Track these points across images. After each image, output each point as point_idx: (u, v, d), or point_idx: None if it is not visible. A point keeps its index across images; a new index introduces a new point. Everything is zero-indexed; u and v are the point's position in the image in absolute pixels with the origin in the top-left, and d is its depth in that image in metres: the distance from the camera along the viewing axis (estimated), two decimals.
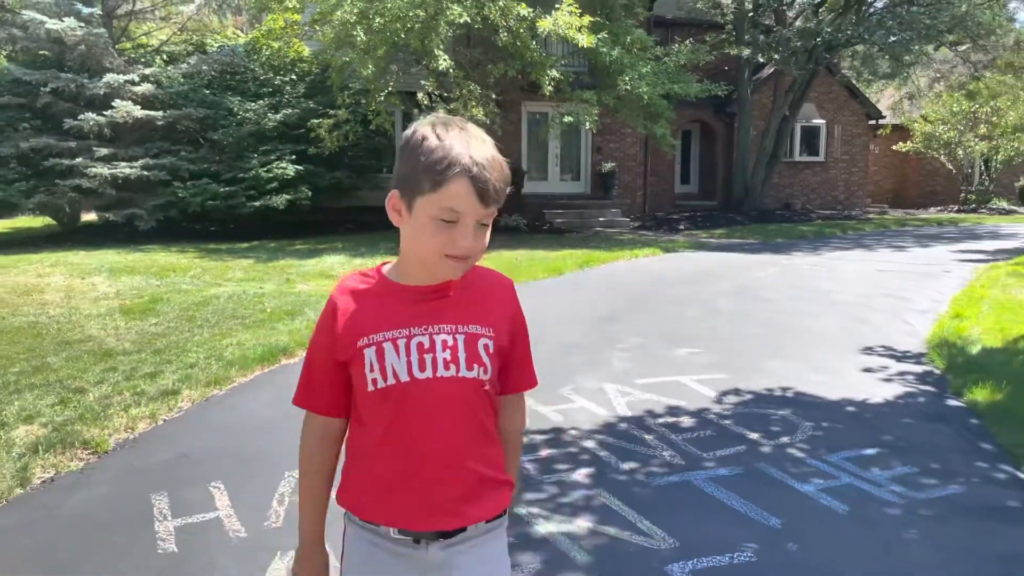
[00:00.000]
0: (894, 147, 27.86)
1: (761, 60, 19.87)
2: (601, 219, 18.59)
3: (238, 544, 3.09)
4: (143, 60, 15.34)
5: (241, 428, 4.43)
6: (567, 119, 13.61)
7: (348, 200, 16.17)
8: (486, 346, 1.45)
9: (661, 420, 4.57)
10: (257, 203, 13.67)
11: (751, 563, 2.97)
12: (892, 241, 15.06)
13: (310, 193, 14.09)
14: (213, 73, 14.95)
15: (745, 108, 21.75)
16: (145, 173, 13.46)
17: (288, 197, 13.79)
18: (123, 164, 13.47)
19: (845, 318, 7.43)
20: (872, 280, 9.74)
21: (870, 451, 4.12)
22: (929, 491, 3.64)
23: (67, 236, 15.21)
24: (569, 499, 3.53)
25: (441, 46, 12.07)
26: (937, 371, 5.59)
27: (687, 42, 15.16)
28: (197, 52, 15.55)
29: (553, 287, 9.33)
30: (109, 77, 13.81)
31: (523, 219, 16.20)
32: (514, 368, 1.54)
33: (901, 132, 27.79)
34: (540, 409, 4.72)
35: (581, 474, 3.79)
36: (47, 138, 13.72)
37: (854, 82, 24.48)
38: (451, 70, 12.39)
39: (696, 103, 19.57)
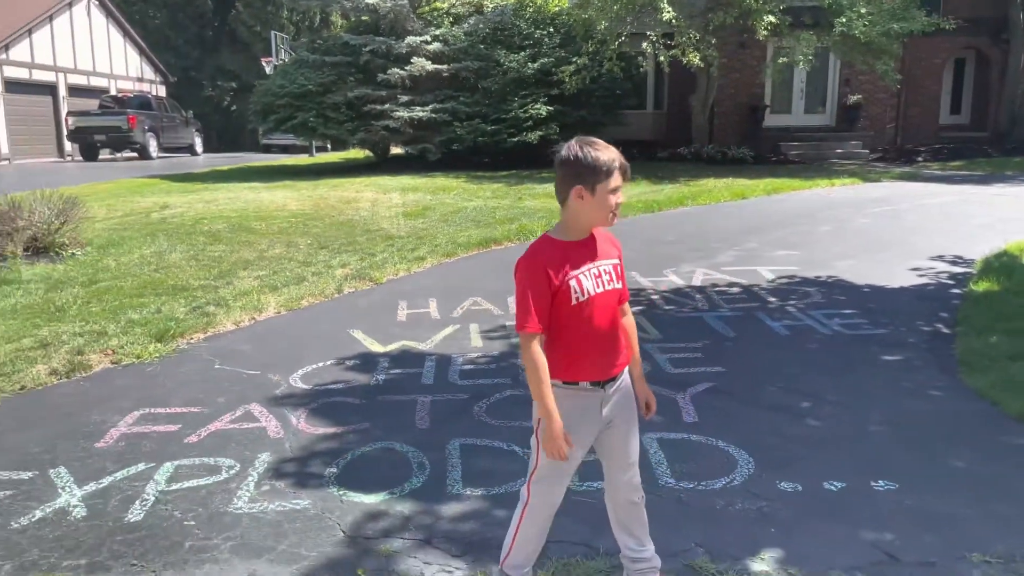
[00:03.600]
0: None
1: None
2: (839, 151, 19.31)
3: (435, 321, 5.98)
4: (435, 22, 18.95)
5: (456, 276, 7.36)
6: (781, 60, 14.93)
7: (595, 134, 18.70)
8: (617, 267, 2.44)
9: (716, 288, 6.76)
10: (515, 139, 16.76)
11: (699, 346, 5.24)
12: None
13: (558, 129, 16.82)
14: (487, 30, 18.11)
15: (1017, 34, 20.70)
16: (433, 115, 17.10)
17: (540, 133, 16.69)
18: (418, 108, 17.20)
19: (952, 236, 8.67)
20: None
21: (848, 311, 6.02)
22: (859, 331, 5.56)
23: (380, 165, 19.57)
24: None
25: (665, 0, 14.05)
26: (972, 272, 7.02)
27: None
28: (476, 13, 18.82)
29: (725, 207, 11.31)
30: (409, 39, 17.54)
31: (750, 151, 17.63)
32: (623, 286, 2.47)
33: None
34: (640, 280, 7.11)
35: (636, 310, 6.20)
36: (365, 88, 17.81)
37: None
38: (674, 20, 14.34)
39: (971, 29, 19.23)
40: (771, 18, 14.19)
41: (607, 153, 2.29)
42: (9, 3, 28.06)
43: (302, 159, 25.43)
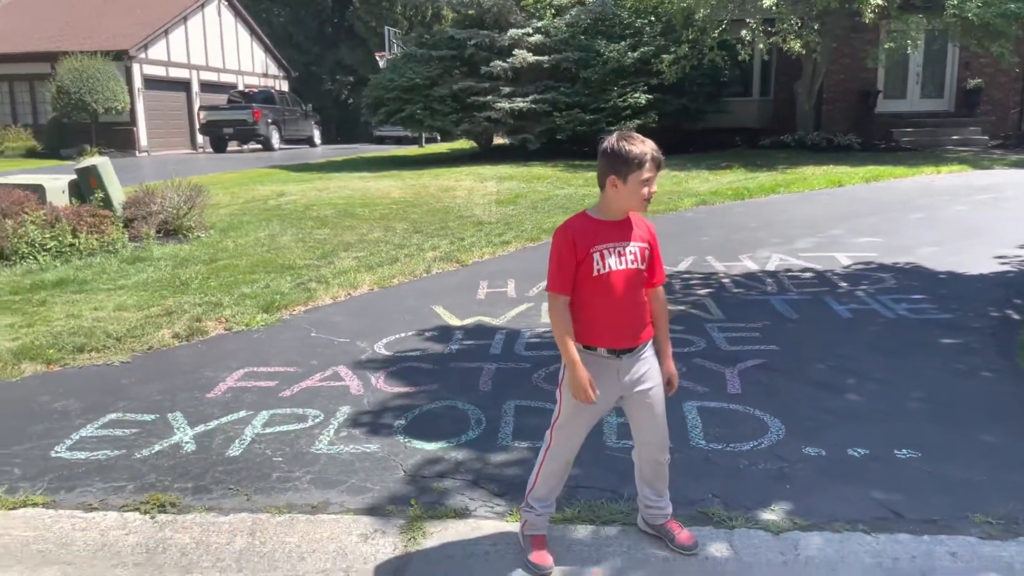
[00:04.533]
0: None
1: None
2: (955, 137, 18.51)
3: (511, 299, 6.41)
4: (537, 14, 19.37)
5: (537, 260, 7.70)
6: (888, 44, 14.52)
7: (696, 123, 18.71)
8: (644, 251, 2.69)
9: (788, 273, 6.90)
10: (614, 128, 16.97)
11: (758, 327, 5.45)
12: None
13: (657, 118, 16.94)
14: (588, 21, 18.40)
15: None
16: (533, 106, 17.54)
17: (639, 122, 16.83)
18: (518, 99, 17.68)
19: None
20: None
21: (917, 296, 6.07)
22: (924, 315, 5.62)
23: (483, 155, 20.20)
24: (691, 298, 6.23)
25: None
26: None
27: None
28: (578, 4, 19.13)
29: (818, 195, 11.24)
30: (511, 31, 18.04)
31: (858, 138, 17.19)
32: (651, 270, 2.75)
33: None
34: (715, 265, 7.32)
35: (703, 292, 6.43)
36: (469, 81, 18.43)
37: None
38: (775, 7, 14.20)
39: None
40: (878, 0, 13.83)
41: (640, 147, 2.55)
42: (147, 6, 30.34)
43: (412, 150, 26.41)
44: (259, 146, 28.55)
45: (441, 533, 3.08)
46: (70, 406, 4.37)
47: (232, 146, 28.99)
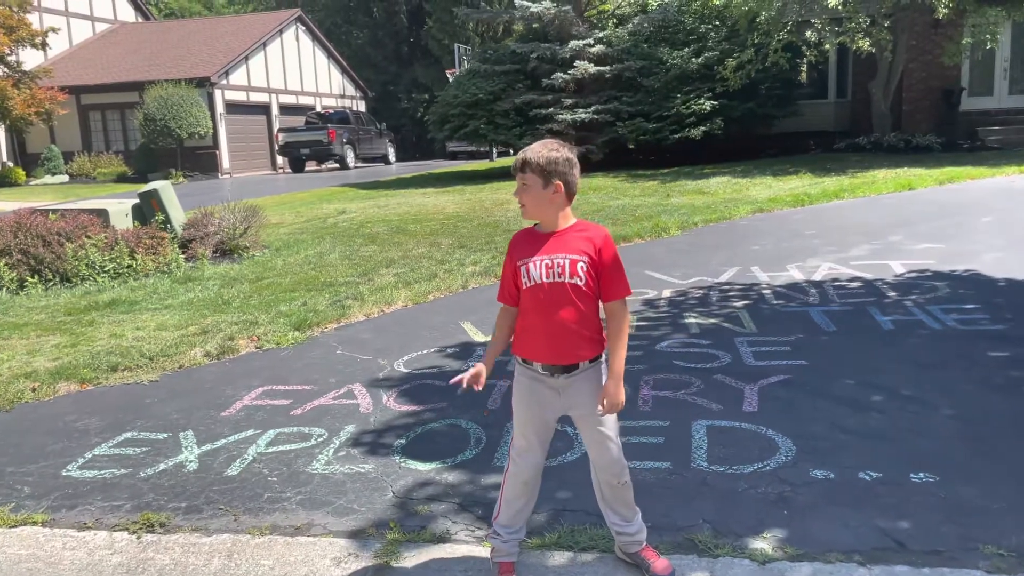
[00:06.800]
0: None
1: None
2: None
3: None
4: (599, 25, 19.23)
5: None
6: (965, 40, 13.79)
7: (768, 127, 18.21)
8: (576, 263, 2.53)
9: (836, 283, 6.58)
10: (677, 135, 16.67)
11: (790, 340, 5.20)
12: None
13: (722, 123, 16.53)
14: (651, 29, 18.14)
15: None
16: (595, 116, 17.39)
17: (703, 129, 16.48)
18: (580, 110, 17.56)
19: None
20: None
21: (970, 306, 5.69)
22: (974, 326, 5.26)
23: None
24: (726, 310, 6.01)
25: None
26: None
27: None
28: (640, 13, 18.90)
29: (884, 200, 10.71)
30: (572, 43, 17.94)
31: (939, 139, 16.38)
32: (605, 284, 2.59)
33: None
34: (758, 275, 7.06)
35: (740, 304, 6.19)
36: (532, 94, 18.42)
37: None
38: (840, 6, 13.68)
39: None
40: None
41: (521, 153, 2.60)
42: (227, 34, 31.62)
43: (482, 164, 26.57)
44: (336, 165, 29.28)
45: (415, 557, 3.02)
46: (91, 425, 4.52)
47: (310, 165, 29.82)
